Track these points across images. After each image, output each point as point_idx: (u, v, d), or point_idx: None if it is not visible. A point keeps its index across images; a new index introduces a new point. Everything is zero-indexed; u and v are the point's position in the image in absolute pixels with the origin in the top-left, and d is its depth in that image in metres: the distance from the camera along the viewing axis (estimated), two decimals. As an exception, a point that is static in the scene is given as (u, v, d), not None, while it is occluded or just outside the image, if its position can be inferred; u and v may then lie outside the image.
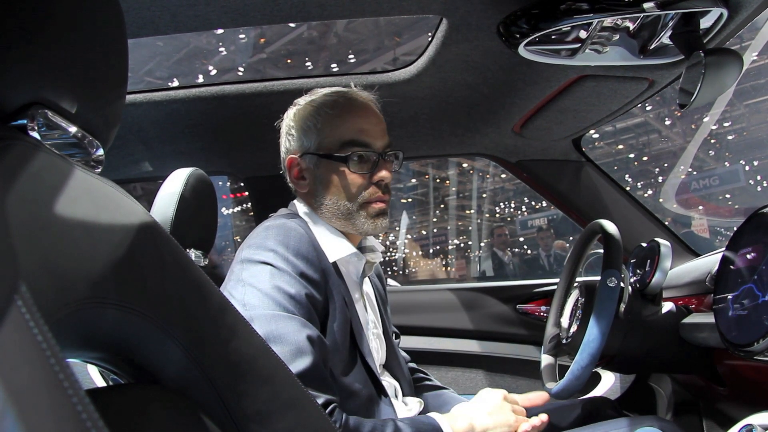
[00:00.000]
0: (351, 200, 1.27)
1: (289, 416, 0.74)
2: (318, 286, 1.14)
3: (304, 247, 1.15)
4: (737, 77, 1.19)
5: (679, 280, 1.70)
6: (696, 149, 18.31)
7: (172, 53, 15.13)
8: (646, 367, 1.67)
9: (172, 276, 0.63)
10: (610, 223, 1.46)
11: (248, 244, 1.18)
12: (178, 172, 1.51)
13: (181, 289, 0.64)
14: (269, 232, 1.17)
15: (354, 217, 1.27)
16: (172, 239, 0.65)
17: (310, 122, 1.29)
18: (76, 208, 0.52)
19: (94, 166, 0.63)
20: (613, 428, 1.21)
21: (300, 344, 1.02)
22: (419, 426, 1.10)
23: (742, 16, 1.23)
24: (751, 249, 1.14)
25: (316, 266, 1.15)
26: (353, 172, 1.25)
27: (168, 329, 0.60)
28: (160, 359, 0.62)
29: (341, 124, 1.27)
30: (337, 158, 1.26)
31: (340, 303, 1.19)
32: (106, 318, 0.54)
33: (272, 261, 1.11)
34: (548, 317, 1.74)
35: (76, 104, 0.57)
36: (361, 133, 1.26)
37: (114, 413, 0.53)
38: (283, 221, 1.21)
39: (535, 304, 2.29)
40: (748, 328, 1.07)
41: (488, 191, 21.98)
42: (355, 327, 1.24)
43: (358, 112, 1.28)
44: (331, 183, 1.27)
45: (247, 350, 0.70)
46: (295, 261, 1.12)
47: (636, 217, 2.13)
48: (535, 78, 1.55)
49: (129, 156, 2.01)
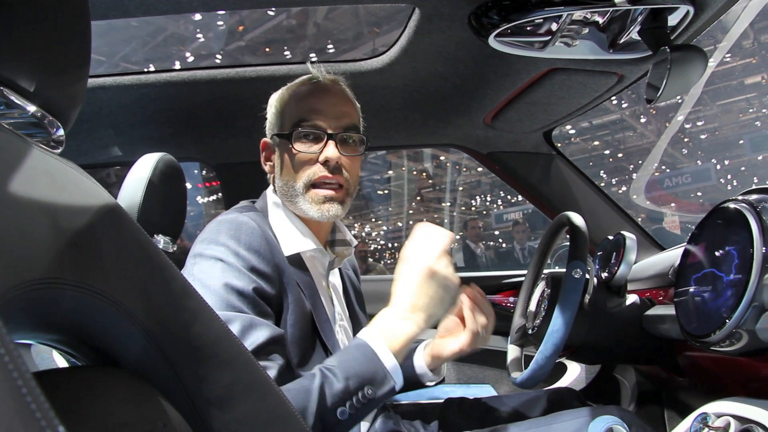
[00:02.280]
0: (298, 181, 1.25)
1: (249, 400, 0.74)
2: (270, 281, 1.13)
3: (255, 241, 1.14)
4: (702, 73, 1.21)
5: (644, 272, 1.73)
6: (665, 145, 18.58)
7: (148, 39, 14.94)
8: (609, 357, 1.70)
9: (133, 259, 0.62)
10: (577, 215, 1.48)
11: (201, 239, 1.17)
12: (146, 157, 1.50)
13: (142, 272, 0.63)
14: (221, 227, 1.16)
15: (300, 199, 1.26)
16: (134, 222, 0.64)
17: (278, 105, 1.31)
18: (33, 188, 0.51)
19: (55, 146, 0.62)
20: (573, 417, 1.23)
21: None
22: (346, 362, 1.03)
23: (708, 14, 1.25)
24: (712, 241, 1.16)
25: (269, 260, 1.14)
26: (297, 150, 1.24)
27: (128, 312, 0.60)
28: (119, 342, 0.62)
29: (296, 104, 1.27)
30: (285, 136, 1.26)
31: (298, 296, 1.19)
32: (63, 299, 0.53)
33: (223, 256, 1.11)
34: (515, 308, 1.76)
35: (35, 83, 0.56)
36: (311, 112, 1.25)
37: (67, 395, 0.53)
38: (236, 215, 1.20)
39: (503, 295, 2.31)
40: (706, 319, 1.09)
41: (464, 184, 22.09)
42: (319, 319, 1.23)
43: (315, 93, 1.27)
44: (282, 163, 1.28)
45: (209, 334, 0.70)
46: (247, 255, 1.11)
47: (604, 211, 2.16)
48: (506, 70, 1.56)
49: (98, 140, 1.98)
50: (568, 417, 1.24)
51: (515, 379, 1.46)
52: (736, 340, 1.01)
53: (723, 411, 1.02)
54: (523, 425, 1.28)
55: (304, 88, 1.29)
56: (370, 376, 1.02)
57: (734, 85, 19.46)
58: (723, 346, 1.04)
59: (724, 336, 1.01)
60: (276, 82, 1.68)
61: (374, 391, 1.01)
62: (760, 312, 0.96)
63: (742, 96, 19.92)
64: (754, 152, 17.40)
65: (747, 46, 17.92)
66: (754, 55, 18.25)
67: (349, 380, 1.00)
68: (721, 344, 1.04)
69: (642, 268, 1.78)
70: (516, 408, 1.53)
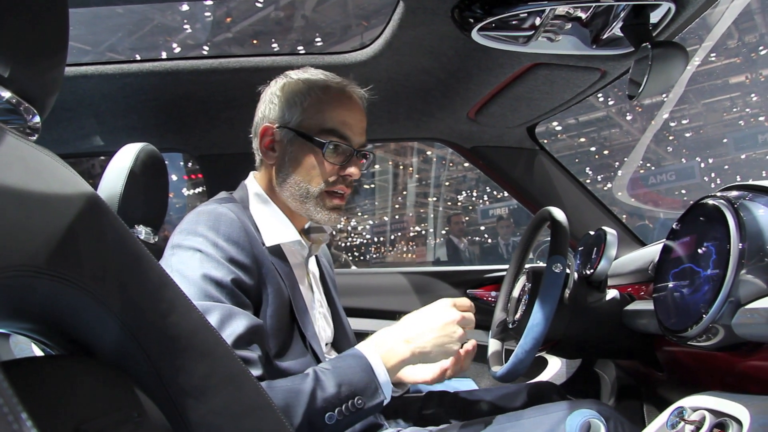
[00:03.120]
0: (314, 185, 1.27)
1: (226, 392, 0.74)
2: (248, 272, 1.14)
3: (234, 233, 1.14)
4: (683, 70, 1.22)
5: (624, 268, 1.74)
6: (647, 142, 18.75)
7: (134, 29, 14.81)
8: (589, 352, 1.71)
9: (110, 248, 0.62)
10: (558, 210, 1.49)
11: (179, 229, 1.18)
12: (128, 147, 1.49)
13: (119, 262, 0.63)
14: (200, 218, 1.17)
15: (311, 202, 1.28)
16: (112, 212, 0.64)
17: (298, 98, 1.28)
18: (6, 175, 0.50)
19: (30, 133, 0.61)
20: (551, 411, 1.24)
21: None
22: (341, 369, 1.09)
23: (689, 11, 1.26)
24: (691, 237, 1.17)
25: (247, 251, 1.15)
26: (326, 160, 1.26)
27: (105, 302, 0.59)
28: (95, 332, 0.61)
29: (327, 110, 1.27)
30: (314, 141, 1.26)
31: (278, 286, 1.19)
32: (37, 288, 0.53)
33: (201, 246, 1.11)
34: (497, 302, 1.77)
35: (9, 68, 0.55)
36: (344, 125, 1.27)
37: (40, 384, 0.53)
38: (215, 206, 1.20)
39: (485, 289, 2.32)
40: (684, 314, 1.10)
41: (451, 179, 22.13)
42: (298, 308, 1.24)
43: (346, 105, 1.29)
44: (301, 163, 1.27)
45: (186, 325, 0.70)
46: (225, 246, 1.12)
47: (586, 206, 2.17)
48: (489, 64, 1.56)
49: (79, 129, 1.96)
50: (546, 410, 1.25)
51: (495, 373, 1.46)
52: (712, 335, 1.02)
53: (699, 405, 1.03)
54: (502, 418, 1.28)
55: (334, 96, 1.29)
56: (362, 386, 1.07)
57: (719, 84, 19.64)
58: (700, 341, 1.05)
59: (701, 331, 1.02)
60: (260, 73, 1.67)
61: (364, 401, 1.07)
62: (736, 307, 0.97)
63: (726, 95, 20.11)
64: (738, 151, 17.56)
65: (732, 46, 18.08)
66: (738, 55, 18.42)
67: (342, 387, 1.05)
68: (698, 339, 1.05)
69: (623, 264, 1.79)
70: (496, 401, 1.54)
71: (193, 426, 0.68)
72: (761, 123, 19.16)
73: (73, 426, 0.53)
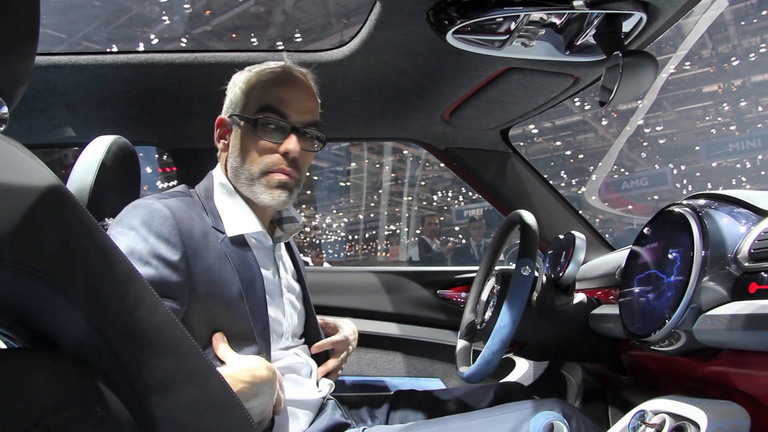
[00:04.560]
0: (254, 166, 1.27)
1: (191, 387, 0.73)
2: (176, 269, 1.12)
3: (166, 230, 1.14)
4: (653, 79, 1.24)
5: (593, 272, 1.76)
6: (621, 146, 19.01)
7: (111, 19, 14.62)
8: (556, 354, 1.73)
9: (76, 241, 0.61)
10: (528, 213, 1.50)
11: (117, 220, 1.18)
12: (99, 139, 1.47)
13: (85, 255, 0.62)
14: (136, 211, 1.17)
15: (254, 183, 1.28)
16: (78, 203, 0.63)
17: (242, 85, 1.30)
18: None
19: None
20: (516, 410, 1.25)
21: None
22: None
23: (660, 22, 1.29)
24: (656, 243, 1.20)
25: (177, 248, 1.13)
26: (260, 137, 1.26)
27: (69, 295, 0.59)
28: (59, 325, 0.61)
29: (264, 90, 1.28)
30: (249, 120, 1.26)
31: (224, 275, 1.19)
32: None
33: (131, 241, 1.11)
34: (466, 303, 1.78)
35: None
36: (279, 101, 1.26)
37: (0, 377, 0.52)
38: (152, 201, 1.19)
39: (455, 290, 2.33)
40: (647, 319, 1.12)
41: (426, 179, 22.21)
42: (255, 295, 1.24)
43: (285, 83, 1.29)
44: (240, 145, 1.28)
45: (152, 320, 0.69)
46: (155, 242, 1.11)
47: (557, 210, 2.19)
48: (464, 67, 1.57)
49: (51, 120, 1.93)
50: (511, 409, 1.26)
51: (462, 374, 1.47)
52: (674, 340, 1.04)
53: (660, 408, 1.05)
54: (468, 416, 1.29)
55: (273, 75, 1.29)
56: None
57: (692, 93, 19.98)
58: (662, 345, 1.07)
59: (663, 336, 1.04)
60: (235, 68, 1.66)
61: None
62: (698, 313, 0.99)
63: (699, 104, 20.48)
64: (709, 158, 17.90)
65: (706, 56, 18.41)
66: (711, 65, 18.76)
67: None
68: (661, 344, 1.07)
69: (591, 268, 1.82)
70: (463, 401, 1.55)
71: (158, 421, 0.68)
72: (732, 132, 19.55)
73: (33, 420, 0.52)
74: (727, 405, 0.99)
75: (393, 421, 1.51)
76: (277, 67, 1.31)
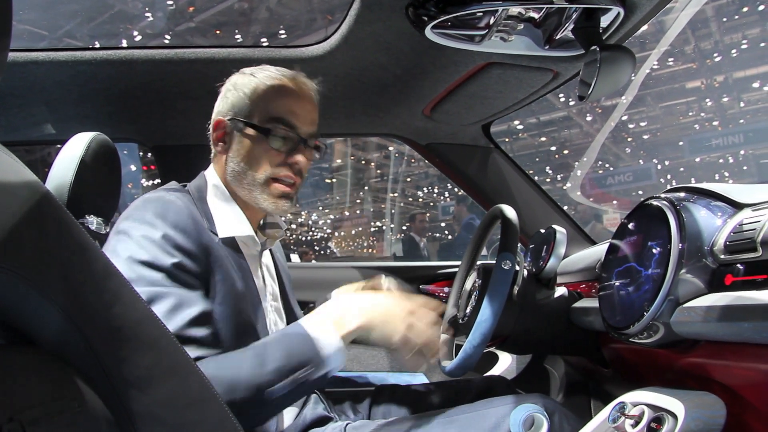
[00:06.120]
0: (260, 173, 1.28)
1: (170, 383, 0.73)
2: (195, 259, 1.14)
3: (182, 221, 1.15)
4: (630, 74, 1.25)
5: (574, 266, 1.77)
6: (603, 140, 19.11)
7: (93, 15, 14.47)
8: (537, 348, 1.74)
9: (53, 238, 0.61)
10: (509, 208, 1.51)
11: (126, 216, 1.17)
12: (79, 135, 1.46)
13: (63, 252, 0.62)
14: (148, 205, 1.17)
15: (257, 189, 1.28)
16: (55, 200, 0.63)
17: (248, 90, 1.30)
18: None
19: None
20: (498, 404, 1.25)
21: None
22: (288, 344, 1.08)
23: (638, 16, 1.30)
24: (635, 237, 1.20)
25: (194, 239, 1.15)
26: (272, 147, 1.27)
27: (47, 292, 0.59)
28: (36, 321, 0.61)
29: (275, 100, 1.28)
30: (260, 129, 1.27)
31: (227, 275, 1.20)
32: None
33: (149, 234, 1.11)
34: (449, 298, 1.78)
35: None
36: (290, 114, 1.28)
37: None
38: (162, 194, 1.20)
39: (438, 285, 2.33)
40: (626, 312, 1.13)
41: (412, 176, 22.23)
42: (251, 299, 1.25)
43: (294, 95, 1.30)
44: (247, 152, 1.29)
45: (131, 316, 0.69)
46: (173, 234, 1.12)
47: (538, 204, 2.21)
48: (444, 62, 1.57)
49: (30, 117, 1.91)
50: (493, 404, 1.26)
51: (445, 368, 1.48)
52: (653, 332, 1.05)
53: (639, 400, 1.06)
54: (450, 411, 1.30)
55: (283, 86, 1.30)
56: (306, 359, 1.05)
57: (676, 88, 20.13)
58: (641, 338, 1.08)
59: (642, 328, 1.05)
60: (216, 65, 1.65)
61: (309, 373, 1.05)
62: (675, 306, 1.00)
63: (683, 99, 20.63)
64: (692, 154, 18.02)
65: (689, 52, 18.55)
66: (694, 61, 18.91)
67: (285, 360, 1.04)
68: (639, 336, 1.08)
69: (572, 262, 1.83)
70: (446, 395, 1.55)
71: (136, 417, 0.67)
72: (715, 127, 19.71)
73: (8, 415, 0.52)
74: (704, 396, 1.00)
75: (375, 416, 1.51)
76: (285, 77, 1.32)
